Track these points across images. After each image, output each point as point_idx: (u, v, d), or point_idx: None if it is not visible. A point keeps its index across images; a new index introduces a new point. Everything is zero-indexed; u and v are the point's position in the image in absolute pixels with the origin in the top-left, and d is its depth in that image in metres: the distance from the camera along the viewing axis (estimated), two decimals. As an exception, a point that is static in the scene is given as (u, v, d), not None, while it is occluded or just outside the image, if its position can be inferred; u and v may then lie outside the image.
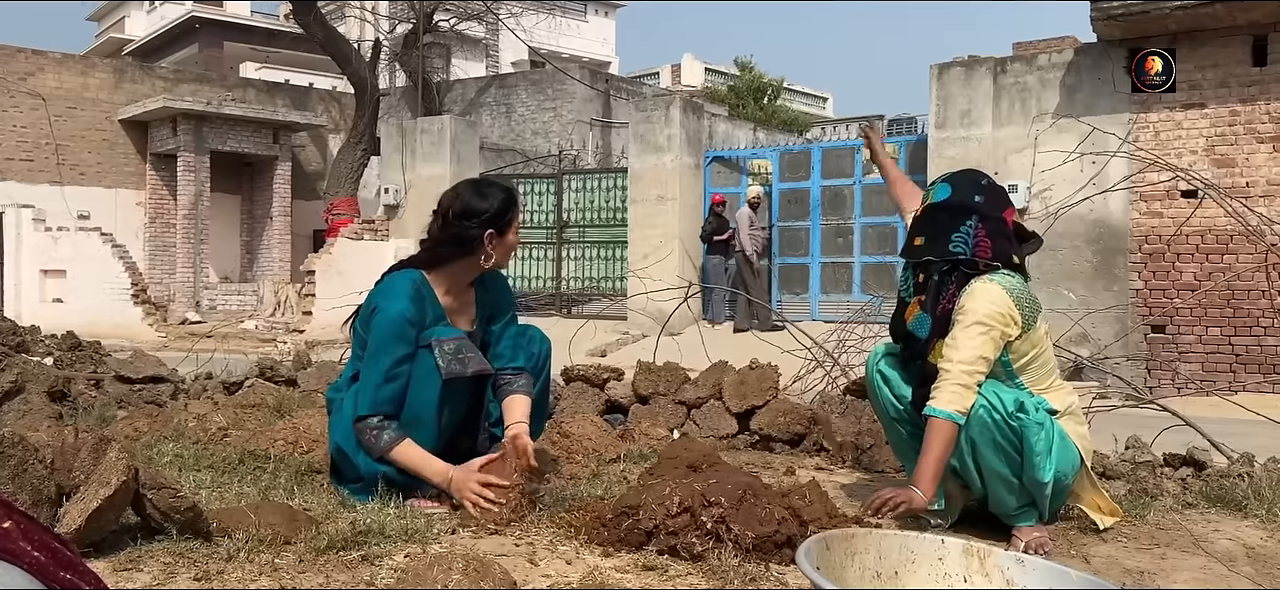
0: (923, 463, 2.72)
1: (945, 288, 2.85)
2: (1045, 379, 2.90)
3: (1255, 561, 2.73)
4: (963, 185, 2.93)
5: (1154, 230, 10.69)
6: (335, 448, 3.01)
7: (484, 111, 23.17)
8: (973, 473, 2.81)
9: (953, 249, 2.85)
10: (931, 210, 2.94)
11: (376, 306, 2.94)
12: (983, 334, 2.73)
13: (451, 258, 3.00)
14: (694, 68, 49.12)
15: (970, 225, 2.84)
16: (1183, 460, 3.86)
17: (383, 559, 2.35)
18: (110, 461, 2.27)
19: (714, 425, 4.41)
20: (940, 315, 2.84)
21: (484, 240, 2.96)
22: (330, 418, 3.09)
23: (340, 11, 29.16)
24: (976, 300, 2.77)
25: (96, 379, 5.39)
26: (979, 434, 2.74)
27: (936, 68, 12.23)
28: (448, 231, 2.98)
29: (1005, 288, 2.79)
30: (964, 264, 2.84)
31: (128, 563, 2.23)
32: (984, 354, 2.73)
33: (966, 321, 2.75)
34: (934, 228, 2.91)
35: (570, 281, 16.42)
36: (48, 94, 19.43)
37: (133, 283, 18.11)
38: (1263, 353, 10.10)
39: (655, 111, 14.96)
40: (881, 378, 3.08)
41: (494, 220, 2.97)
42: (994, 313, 2.75)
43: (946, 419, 2.71)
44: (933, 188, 2.99)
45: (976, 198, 2.89)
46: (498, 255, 3.02)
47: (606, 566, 2.41)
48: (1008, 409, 2.71)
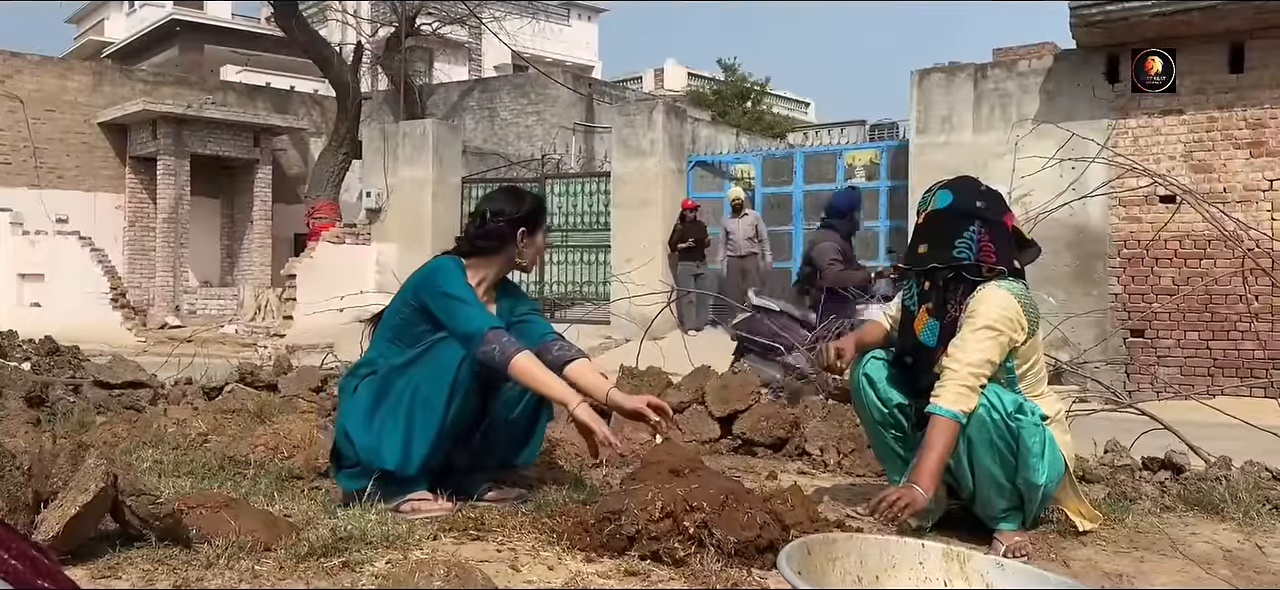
0: (924, 460, 2.70)
1: (952, 293, 2.86)
2: (1037, 386, 2.93)
3: (1232, 564, 2.76)
4: (963, 192, 2.94)
5: (1133, 235, 10.77)
6: (341, 431, 3.08)
7: (467, 115, 23.11)
8: (965, 472, 2.81)
9: (956, 254, 2.85)
10: (933, 217, 2.94)
11: (433, 268, 3.14)
12: (991, 338, 2.74)
13: (488, 252, 3.20)
14: (677, 72, 49.15)
15: (973, 230, 2.85)
16: (1161, 464, 3.89)
17: (364, 565, 2.34)
18: (89, 468, 2.25)
19: (697, 430, 4.41)
20: (949, 321, 2.85)
21: (517, 237, 3.18)
22: (342, 403, 3.19)
23: (322, 14, 29.03)
24: (987, 305, 2.78)
25: (75, 384, 5.35)
26: (977, 433, 2.74)
27: (918, 73, 12.29)
28: (485, 227, 3.20)
29: (1014, 294, 2.80)
30: (968, 269, 2.85)
31: (106, 570, 2.21)
32: (990, 357, 2.74)
33: (976, 324, 2.76)
34: (937, 235, 2.91)
35: (553, 286, 16.40)
36: (25, 96, 19.25)
37: (112, 287, 17.95)
38: (1240, 357, 10.18)
39: (638, 116, 14.96)
40: (867, 380, 3.08)
41: (527, 220, 3.21)
42: (1003, 318, 2.76)
43: (950, 417, 2.70)
44: (932, 195, 2.99)
45: (978, 203, 2.90)
46: (528, 255, 3.24)
47: (589, 572, 2.41)
48: (1008, 410, 2.72)
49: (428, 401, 2.96)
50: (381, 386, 3.04)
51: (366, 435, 2.99)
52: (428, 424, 2.96)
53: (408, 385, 2.99)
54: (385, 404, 3.01)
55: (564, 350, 3.20)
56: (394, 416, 2.98)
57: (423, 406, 2.96)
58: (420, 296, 3.08)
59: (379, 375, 3.06)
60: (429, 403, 2.96)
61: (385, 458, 2.95)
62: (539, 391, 3.00)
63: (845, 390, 4.47)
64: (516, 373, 2.94)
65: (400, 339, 3.10)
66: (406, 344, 3.07)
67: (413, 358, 3.02)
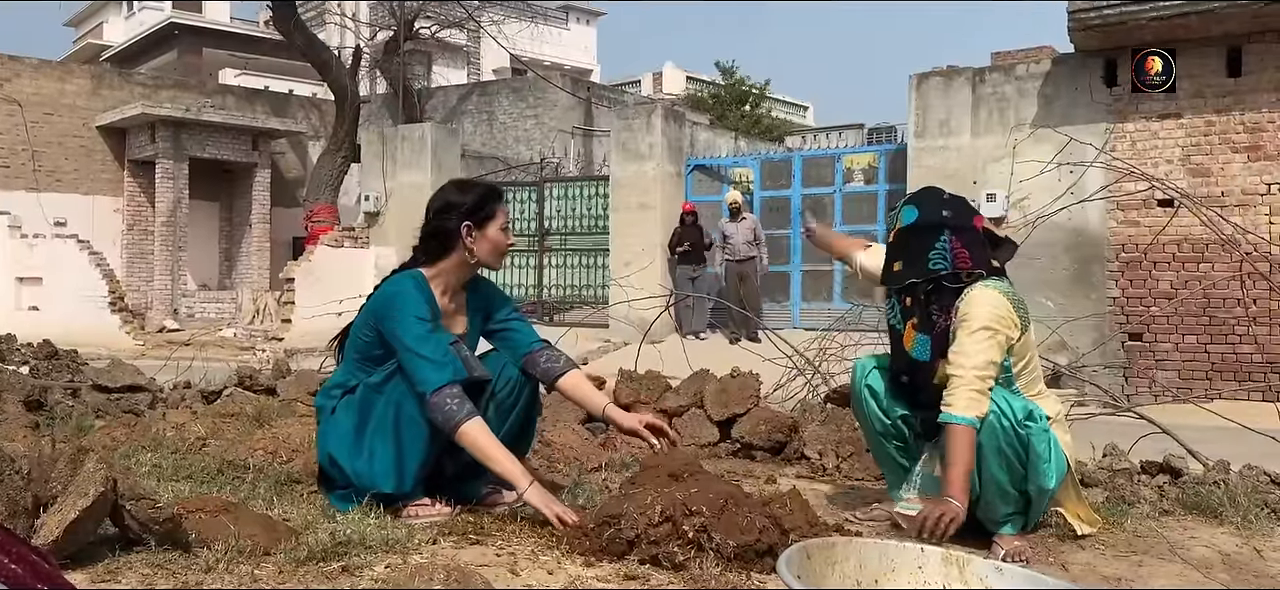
0: (952, 473, 2.67)
1: (935, 304, 2.86)
2: (1035, 385, 2.93)
3: (1230, 568, 2.76)
4: (928, 203, 2.95)
5: (1131, 239, 10.78)
6: (326, 457, 3.00)
7: (465, 119, 23.13)
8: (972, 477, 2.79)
9: (932, 266, 2.86)
10: (902, 234, 2.95)
11: (389, 295, 2.97)
12: (989, 338, 2.74)
13: (437, 254, 3.04)
14: (675, 75, 49.23)
15: (944, 240, 2.86)
16: (1160, 468, 3.89)
17: (363, 570, 2.34)
18: (88, 472, 2.25)
19: (695, 433, 4.41)
20: (938, 333, 2.85)
21: (461, 232, 3.00)
22: (320, 425, 3.08)
23: (321, 18, 29.07)
24: (978, 306, 2.78)
25: (73, 388, 5.34)
26: (986, 440, 2.72)
27: (916, 77, 12.30)
28: (429, 226, 3.05)
29: (1001, 291, 2.81)
30: (946, 278, 2.85)
31: (106, 574, 2.21)
32: (992, 358, 2.74)
33: (972, 327, 2.75)
34: (908, 250, 2.92)
35: (552, 289, 16.40)
36: (24, 100, 19.24)
37: (110, 290, 17.93)
38: (1238, 360, 10.19)
39: (637, 119, 14.98)
40: (869, 392, 3.07)
41: (471, 213, 3.01)
42: (996, 316, 2.76)
43: (966, 425, 2.68)
44: (898, 212, 3.00)
45: (944, 212, 2.91)
46: (481, 251, 3.03)
47: (588, 576, 2.41)
48: (1018, 417, 2.71)
49: (413, 418, 2.87)
50: (362, 407, 2.95)
51: (356, 461, 2.91)
52: (416, 439, 2.89)
53: (389, 405, 2.91)
54: (370, 426, 2.92)
55: (552, 361, 3.12)
56: (382, 438, 2.90)
57: (409, 424, 2.88)
58: (377, 325, 2.97)
59: (357, 396, 2.97)
60: (415, 419, 2.87)
61: (380, 482, 2.88)
62: (487, 465, 2.84)
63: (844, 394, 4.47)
64: (464, 444, 2.80)
65: (369, 359, 3.00)
66: (376, 363, 2.97)
67: (390, 374, 2.93)
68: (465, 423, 2.78)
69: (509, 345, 3.16)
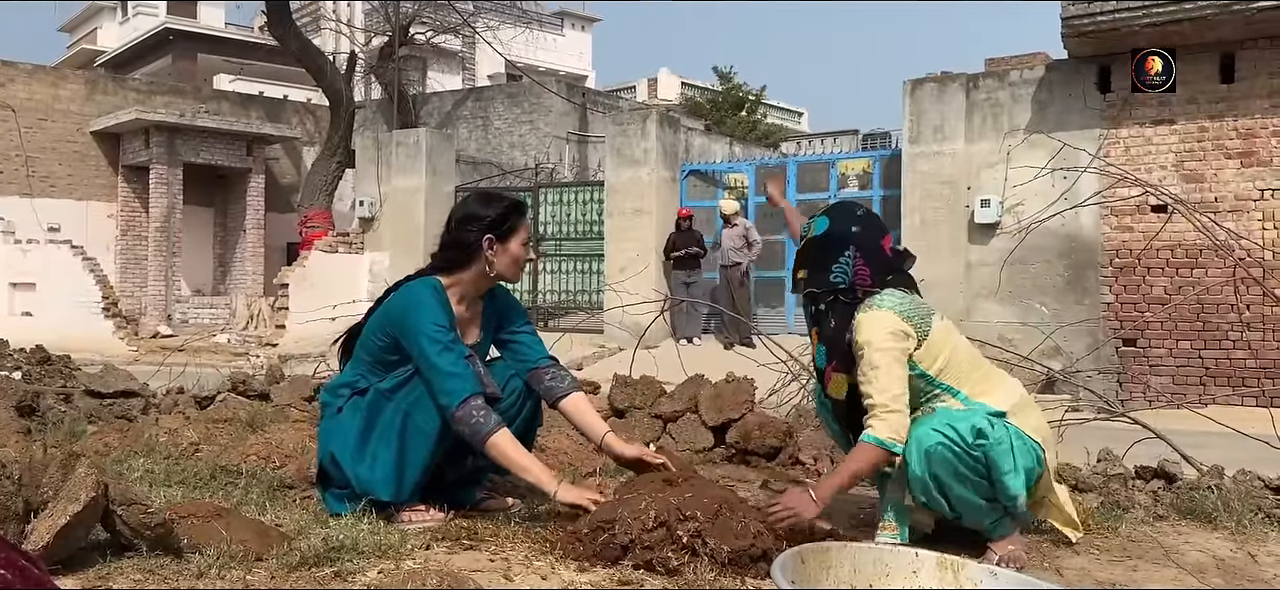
0: (833, 476, 2.79)
1: (831, 317, 2.91)
2: (978, 378, 2.88)
3: (1225, 573, 2.76)
4: (840, 217, 2.99)
5: (1125, 244, 10.80)
6: (328, 455, 3.00)
7: (460, 124, 23.12)
8: (942, 503, 2.77)
9: (833, 279, 2.90)
10: (811, 244, 2.99)
11: (408, 304, 2.96)
12: (885, 359, 2.75)
13: (457, 263, 3.05)
14: (670, 81, 49.25)
15: (848, 255, 2.89)
16: (1154, 473, 3.89)
17: (356, 575, 2.33)
18: (79, 477, 2.24)
19: (690, 438, 4.41)
20: (833, 342, 2.91)
21: (483, 245, 3.01)
22: (323, 421, 3.08)
23: (315, 23, 29.02)
24: (865, 331, 2.80)
25: (66, 393, 5.33)
26: (943, 470, 2.70)
27: (910, 83, 12.32)
28: (451, 236, 3.07)
29: (888, 307, 2.81)
30: (844, 292, 2.88)
31: (97, 580, 2.20)
32: (897, 377, 2.76)
33: (867, 355, 2.78)
34: (814, 261, 2.96)
35: (546, 294, 16.39)
36: (18, 105, 19.20)
37: (103, 296, 17.90)
38: (1232, 366, 10.21)
39: (632, 125, 14.98)
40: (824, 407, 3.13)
41: (493, 226, 3.04)
42: (885, 336, 2.77)
43: (873, 443, 2.71)
44: (813, 221, 3.04)
45: (854, 228, 2.93)
46: (501, 264, 3.06)
47: (582, 581, 2.40)
48: (968, 440, 2.67)
49: (421, 430, 2.89)
50: (371, 411, 2.94)
51: (358, 465, 2.90)
52: (420, 450, 2.89)
53: (397, 413, 2.90)
54: (375, 431, 2.92)
55: (558, 380, 3.13)
56: (386, 445, 2.90)
57: (416, 435, 2.89)
58: (393, 333, 2.96)
59: (367, 399, 2.96)
60: (422, 431, 2.89)
61: (379, 490, 2.88)
62: (519, 476, 2.91)
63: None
64: (493, 455, 2.86)
65: (382, 364, 2.99)
66: (390, 368, 2.97)
67: (402, 381, 2.92)
68: (494, 434, 2.83)
69: (517, 357, 3.17)
